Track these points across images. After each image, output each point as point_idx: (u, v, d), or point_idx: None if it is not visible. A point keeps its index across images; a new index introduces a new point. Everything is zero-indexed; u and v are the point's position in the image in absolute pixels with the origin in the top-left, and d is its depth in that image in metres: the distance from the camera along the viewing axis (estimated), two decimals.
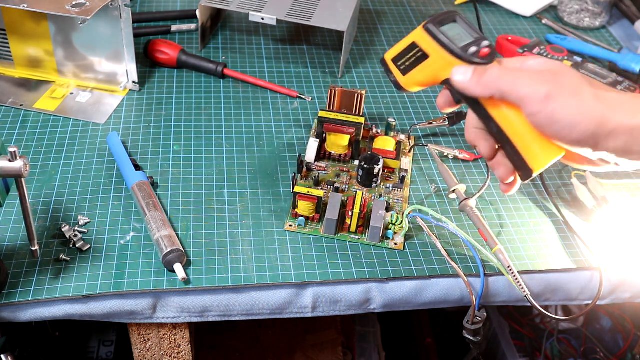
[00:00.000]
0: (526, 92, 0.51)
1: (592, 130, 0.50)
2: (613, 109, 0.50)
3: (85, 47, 0.84)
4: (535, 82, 0.52)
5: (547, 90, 0.51)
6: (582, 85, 0.51)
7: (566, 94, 0.51)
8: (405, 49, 0.57)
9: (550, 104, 0.51)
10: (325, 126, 0.74)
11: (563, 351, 1.15)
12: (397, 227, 0.68)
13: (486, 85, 0.53)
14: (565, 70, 0.53)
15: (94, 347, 1.04)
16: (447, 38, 0.55)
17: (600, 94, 0.51)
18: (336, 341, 1.05)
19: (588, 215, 0.72)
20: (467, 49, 0.54)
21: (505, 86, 0.52)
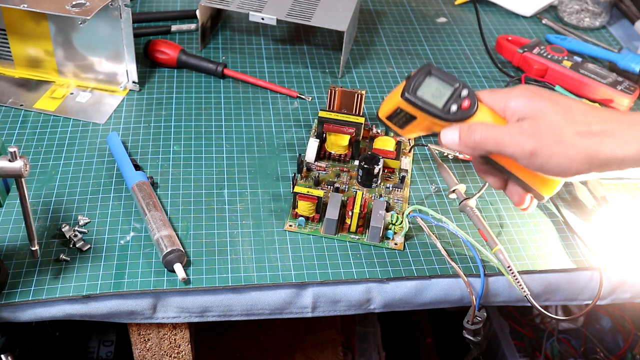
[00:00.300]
0: (512, 151, 0.54)
1: (583, 168, 0.52)
2: (600, 143, 0.52)
3: (85, 47, 0.84)
4: (517, 141, 0.53)
5: (531, 147, 0.52)
6: (563, 128, 0.52)
7: (550, 143, 0.52)
8: (393, 111, 0.59)
9: (537, 158, 0.53)
10: (325, 126, 0.74)
11: (563, 351, 1.15)
12: (397, 227, 0.68)
13: (473, 148, 0.56)
14: (545, 112, 0.53)
15: (94, 347, 1.04)
16: (425, 103, 0.57)
17: (584, 130, 0.52)
18: (336, 341, 1.05)
19: (588, 215, 0.72)
20: (448, 108, 0.56)
21: (491, 147, 0.55)
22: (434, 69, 0.58)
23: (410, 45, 1.00)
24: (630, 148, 0.51)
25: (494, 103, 0.57)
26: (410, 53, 0.98)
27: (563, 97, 0.55)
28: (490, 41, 1.01)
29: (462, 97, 0.56)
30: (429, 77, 0.58)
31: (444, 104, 0.57)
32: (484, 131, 0.55)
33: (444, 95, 0.57)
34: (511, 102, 0.55)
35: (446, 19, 1.08)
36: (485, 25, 1.06)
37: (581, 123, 0.52)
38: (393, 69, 0.94)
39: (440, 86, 0.57)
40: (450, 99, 0.57)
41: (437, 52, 0.99)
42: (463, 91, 0.57)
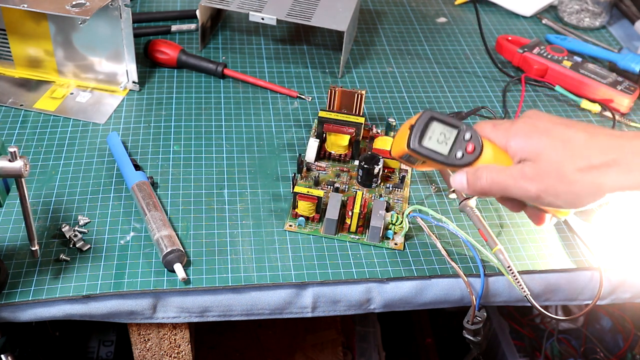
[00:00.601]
0: (518, 195, 0.55)
1: (592, 200, 0.53)
2: (603, 175, 0.51)
3: (85, 47, 0.84)
4: (520, 185, 0.54)
5: (535, 191, 0.53)
6: (564, 165, 0.52)
7: (553, 184, 0.53)
8: (403, 154, 0.60)
9: (543, 200, 0.54)
10: (325, 126, 0.74)
11: (563, 351, 1.15)
12: (397, 227, 0.68)
13: (481, 193, 0.57)
14: (544, 150, 0.53)
15: (94, 347, 1.04)
16: (432, 152, 0.58)
17: (585, 164, 0.52)
18: (336, 341, 1.05)
19: (588, 215, 0.72)
20: (454, 154, 0.58)
21: (497, 192, 0.56)
22: (435, 113, 0.59)
23: (410, 45, 1.00)
24: (633, 177, 0.51)
25: (496, 139, 0.57)
26: (410, 53, 0.98)
27: (561, 126, 0.55)
28: (490, 41, 1.01)
29: (466, 140, 0.57)
30: (432, 122, 0.59)
31: (449, 151, 0.58)
32: (489, 177, 0.56)
33: (448, 140, 0.58)
34: (511, 142, 0.56)
35: (446, 19, 1.08)
36: (485, 25, 1.06)
37: (581, 157, 0.52)
38: (393, 69, 0.94)
39: (444, 131, 0.58)
40: (454, 144, 0.58)
41: (437, 52, 0.99)
42: (466, 134, 0.58)
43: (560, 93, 0.90)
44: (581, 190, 0.52)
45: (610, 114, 0.87)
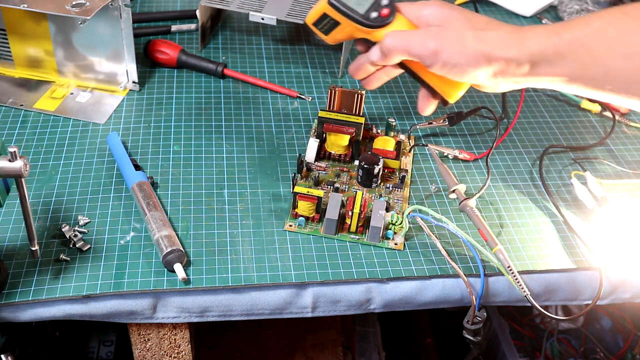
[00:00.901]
0: (418, 51, 0.61)
1: (477, 68, 0.59)
2: (491, 47, 0.59)
3: (85, 47, 0.84)
4: (422, 41, 0.60)
5: (434, 46, 0.60)
6: (465, 32, 0.60)
7: (451, 44, 0.59)
8: (319, 17, 0.65)
9: (439, 57, 0.59)
10: (325, 126, 0.74)
11: (563, 351, 1.15)
12: (397, 227, 0.68)
13: (387, 53, 0.62)
14: (452, 19, 0.61)
15: (94, 347, 1.04)
16: (349, 9, 0.63)
17: (481, 35, 0.59)
18: (336, 341, 1.05)
19: (588, 215, 0.72)
20: (369, 15, 0.63)
21: (400, 49, 0.61)
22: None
23: None
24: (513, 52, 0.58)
25: (410, 13, 0.64)
26: None
27: (473, 12, 0.63)
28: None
29: (382, 5, 0.63)
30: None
31: (365, 11, 0.63)
32: (394, 36, 0.62)
33: (366, 2, 0.63)
34: (424, 10, 0.63)
35: None
36: None
37: (481, 29, 0.60)
38: None
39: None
40: (371, 6, 0.63)
41: None
42: (383, 1, 0.63)
43: (560, 93, 0.90)
44: (472, 53, 0.59)
45: (610, 114, 0.87)
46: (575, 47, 0.58)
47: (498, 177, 0.77)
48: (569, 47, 0.58)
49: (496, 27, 0.61)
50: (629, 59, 0.57)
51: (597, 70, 0.58)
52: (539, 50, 0.58)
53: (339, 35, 0.65)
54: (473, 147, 0.81)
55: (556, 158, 0.80)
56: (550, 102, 0.90)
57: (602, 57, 0.57)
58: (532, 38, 0.59)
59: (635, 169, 0.79)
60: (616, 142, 0.84)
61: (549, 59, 0.58)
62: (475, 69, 0.59)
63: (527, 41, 0.59)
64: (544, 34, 0.59)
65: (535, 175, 0.77)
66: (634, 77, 0.57)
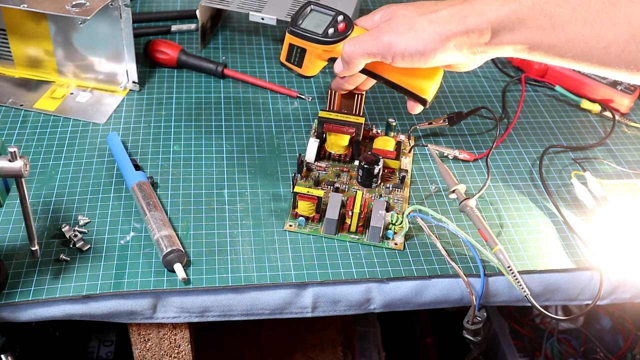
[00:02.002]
0: (375, 50, 0.62)
1: (438, 48, 0.59)
2: (445, 24, 0.59)
3: (85, 47, 0.84)
4: (376, 38, 0.62)
5: (388, 39, 0.61)
6: (413, 18, 0.61)
7: (404, 32, 0.60)
8: (288, 50, 0.69)
9: (395, 47, 0.61)
10: (325, 126, 0.74)
11: (563, 351, 1.15)
12: (397, 227, 0.68)
13: (348, 61, 0.65)
14: (397, 12, 0.63)
15: (94, 347, 1.04)
16: (308, 32, 0.67)
17: (432, 16, 0.60)
18: (336, 341, 1.05)
19: (588, 215, 0.72)
20: (327, 32, 0.67)
21: (359, 53, 0.63)
22: (314, 4, 0.70)
23: None
24: (470, 20, 0.58)
25: (365, 23, 0.67)
26: None
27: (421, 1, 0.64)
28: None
29: (338, 22, 0.67)
30: (311, 11, 0.69)
31: (323, 30, 0.67)
32: (350, 42, 0.64)
33: (324, 23, 0.68)
34: (375, 16, 0.66)
35: None
36: None
37: (430, 11, 0.61)
38: None
39: (320, 17, 0.69)
40: (328, 25, 0.67)
41: None
42: (339, 17, 0.67)
43: (560, 93, 0.90)
44: (427, 35, 0.59)
45: (610, 114, 0.87)
46: (535, 13, 0.56)
47: (498, 177, 0.77)
48: (529, 12, 0.57)
49: (446, 6, 0.61)
50: (590, 25, 0.55)
51: (558, 36, 0.57)
52: (498, 17, 0.57)
53: (310, 63, 0.69)
54: (473, 147, 0.81)
55: (556, 158, 0.80)
56: (550, 101, 0.90)
57: (563, 23, 0.56)
58: (489, 5, 0.58)
59: (635, 169, 0.79)
60: (616, 142, 0.84)
61: (509, 26, 0.58)
62: (436, 51, 0.60)
63: (483, 10, 0.58)
64: (501, 1, 0.58)
65: (535, 175, 0.77)
66: (595, 43, 0.56)
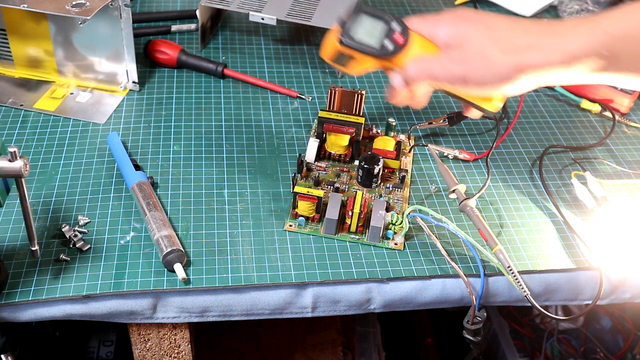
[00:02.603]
0: (445, 79, 0.58)
1: (513, 80, 0.55)
2: (525, 56, 0.55)
3: (85, 47, 0.84)
4: (447, 70, 0.57)
5: (461, 74, 0.56)
6: (489, 48, 0.55)
7: (478, 66, 0.56)
8: (334, 53, 0.62)
9: (468, 80, 0.56)
10: (325, 126, 0.74)
11: (563, 351, 1.15)
12: (397, 227, 0.68)
13: (413, 81, 0.60)
14: (470, 35, 0.56)
15: (94, 347, 1.04)
16: (362, 44, 0.60)
17: (508, 45, 0.55)
18: (336, 341, 1.05)
19: (588, 215, 0.72)
20: (383, 45, 0.60)
21: (426, 79, 0.59)
22: (363, 6, 0.62)
23: None
24: (553, 57, 0.54)
25: (425, 30, 0.60)
26: None
27: (486, 14, 0.58)
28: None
29: (394, 31, 0.60)
30: (360, 15, 0.61)
31: (378, 42, 0.60)
32: (416, 65, 0.59)
33: (377, 31, 0.60)
34: (438, 31, 0.59)
35: None
36: None
37: (505, 40, 0.55)
38: None
39: (372, 23, 0.61)
40: (384, 35, 0.60)
41: None
42: (394, 24, 0.60)
43: (560, 93, 0.90)
44: (504, 71, 0.55)
45: (610, 114, 0.87)
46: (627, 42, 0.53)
47: (498, 177, 0.77)
48: (619, 43, 0.53)
49: (522, 32, 0.56)
50: None
51: None
52: (584, 49, 0.53)
53: (359, 67, 0.63)
54: (473, 147, 0.81)
55: (556, 158, 0.80)
56: (550, 102, 0.90)
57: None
58: (572, 37, 0.54)
59: (635, 169, 0.79)
60: (616, 142, 0.84)
61: (594, 57, 0.54)
62: (512, 83, 0.55)
63: (565, 42, 0.54)
64: (586, 30, 0.54)
65: (535, 175, 0.77)
66: None
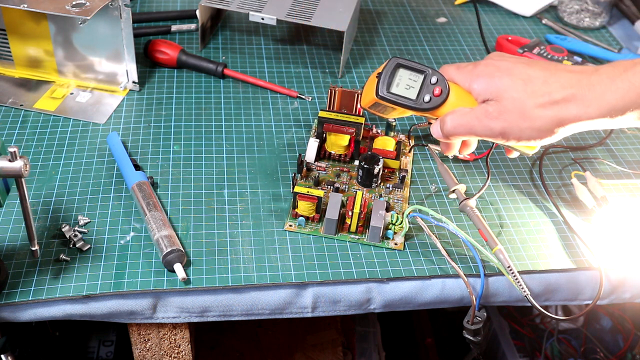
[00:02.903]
0: (483, 135, 0.58)
1: (553, 135, 0.56)
2: (563, 109, 0.55)
3: (85, 47, 0.84)
4: (485, 125, 0.57)
5: (500, 129, 0.57)
6: (526, 103, 0.55)
7: (516, 121, 0.56)
8: (374, 104, 0.63)
9: (508, 137, 0.57)
10: (325, 126, 0.74)
11: (563, 351, 1.15)
12: (397, 227, 0.68)
13: (452, 136, 0.60)
14: (506, 90, 0.56)
15: (94, 347, 1.04)
16: (400, 97, 0.61)
17: (545, 100, 0.55)
18: (336, 341, 1.05)
19: (588, 215, 0.72)
20: (422, 99, 0.61)
21: (464, 134, 0.59)
22: (401, 60, 0.62)
23: (410, 45, 1.00)
24: (592, 110, 0.54)
25: (463, 81, 0.60)
26: (410, 53, 0.98)
27: (522, 65, 0.58)
28: (490, 41, 1.01)
29: (432, 84, 0.60)
30: (399, 69, 0.61)
31: (417, 95, 0.60)
32: (454, 120, 0.59)
33: (416, 84, 0.61)
34: (474, 84, 0.59)
35: (446, 19, 1.08)
36: (485, 25, 1.06)
37: (542, 94, 0.55)
38: None
39: (410, 76, 0.61)
40: (422, 88, 0.60)
41: (437, 52, 0.99)
42: (433, 78, 0.60)
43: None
44: (543, 125, 0.55)
45: None
46: None
47: (498, 177, 0.77)
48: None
49: (558, 84, 0.55)
50: None
51: None
52: (622, 103, 0.53)
53: (398, 114, 0.64)
54: None
55: (556, 158, 0.80)
56: None
57: None
58: (610, 91, 0.53)
59: (635, 169, 0.79)
60: (616, 142, 0.84)
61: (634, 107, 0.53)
62: (550, 136, 0.56)
63: (603, 95, 0.54)
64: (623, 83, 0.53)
65: (535, 175, 0.77)
66: None
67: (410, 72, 0.61)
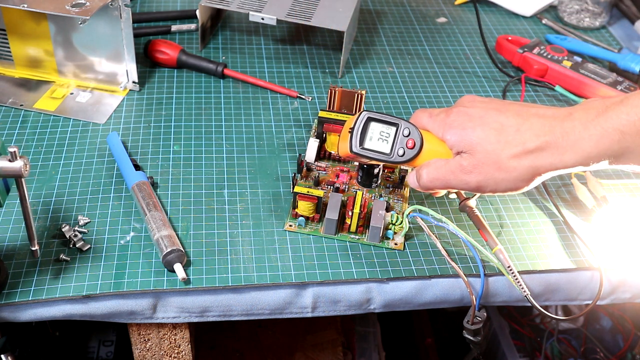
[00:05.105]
0: (460, 187, 0.58)
1: (530, 183, 0.55)
2: (537, 158, 0.54)
3: (85, 47, 0.84)
4: (460, 179, 0.57)
5: (475, 183, 0.56)
6: (500, 154, 0.55)
7: (491, 173, 0.55)
8: (347, 155, 0.63)
9: (484, 189, 0.57)
10: (325, 126, 0.74)
11: (563, 351, 1.15)
12: (397, 227, 0.68)
13: (428, 188, 0.60)
14: (479, 142, 0.56)
15: (94, 347, 1.04)
16: (373, 152, 0.61)
17: (519, 150, 0.54)
18: (336, 341, 1.05)
19: (588, 215, 0.72)
20: (396, 152, 0.61)
21: (441, 187, 0.59)
22: (372, 113, 0.61)
23: (410, 45, 1.00)
24: (567, 158, 0.54)
25: (433, 130, 0.60)
26: (410, 53, 0.98)
27: (494, 112, 0.57)
28: (490, 41, 1.01)
29: (405, 136, 0.60)
30: (370, 123, 0.61)
31: (390, 149, 0.61)
32: (430, 174, 0.59)
33: (389, 138, 0.61)
34: (447, 135, 0.58)
35: (446, 19, 1.08)
36: (485, 25, 1.06)
37: (515, 143, 0.54)
38: (393, 69, 0.94)
39: (383, 129, 0.61)
40: (395, 141, 0.60)
41: (437, 52, 0.99)
42: (405, 130, 0.60)
43: (560, 93, 0.90)
44: (519, 175, 0.55)
45: None
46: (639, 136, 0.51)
47: None
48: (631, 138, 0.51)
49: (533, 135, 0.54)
50: None
51: None
52: (597, 150, 0.52)
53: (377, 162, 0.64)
54: None
55: None
56: (550, 101, 0.90)
57: None
58: (584, 139, 0.52)
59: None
60: None
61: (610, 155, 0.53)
62: (527, 185, 0.56)
63: (577, 144, 0.53)
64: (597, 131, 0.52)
65: None
66: None
67: (382, 125, 0.61)
